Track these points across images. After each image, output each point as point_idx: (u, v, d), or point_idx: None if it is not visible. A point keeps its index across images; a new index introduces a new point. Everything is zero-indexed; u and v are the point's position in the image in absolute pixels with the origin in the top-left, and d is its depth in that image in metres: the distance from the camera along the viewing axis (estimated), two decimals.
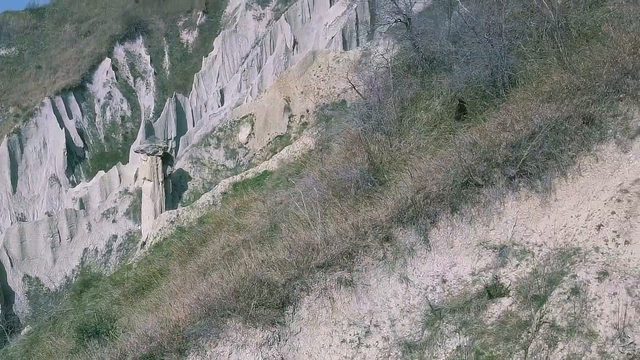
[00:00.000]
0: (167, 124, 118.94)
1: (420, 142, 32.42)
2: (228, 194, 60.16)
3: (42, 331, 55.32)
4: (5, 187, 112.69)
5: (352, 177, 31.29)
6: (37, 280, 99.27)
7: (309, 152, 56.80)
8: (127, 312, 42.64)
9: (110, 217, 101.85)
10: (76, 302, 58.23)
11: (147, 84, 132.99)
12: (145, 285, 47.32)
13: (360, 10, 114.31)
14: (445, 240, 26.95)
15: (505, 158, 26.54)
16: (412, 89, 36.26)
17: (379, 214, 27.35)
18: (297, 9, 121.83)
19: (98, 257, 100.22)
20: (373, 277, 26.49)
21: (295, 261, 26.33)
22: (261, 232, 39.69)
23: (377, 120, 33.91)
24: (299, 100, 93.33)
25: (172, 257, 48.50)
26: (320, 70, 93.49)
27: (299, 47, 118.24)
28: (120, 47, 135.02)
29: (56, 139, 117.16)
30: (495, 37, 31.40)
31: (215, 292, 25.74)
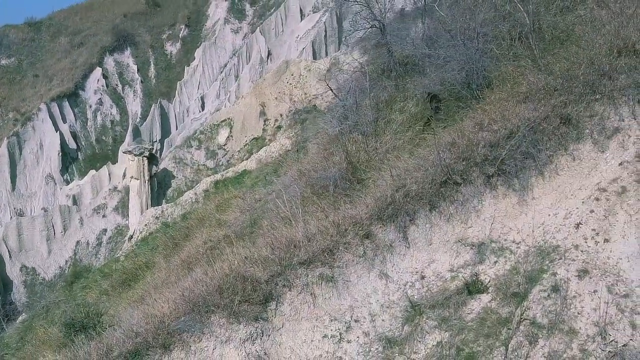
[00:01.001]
0: (153, 127, 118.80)
1: (396, 142, 30.16)
2: (210, 192, 58.60)
3: (36, 319, 53.60)
4: (5, 185, 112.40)
5: (330, 175, 28.95)
6: (33, 270, 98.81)
7: (285, 152, 55.53)
8: (114, 303, 41.00)
9: (101, 213, 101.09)
10: (68, 292, 56.73)
11: (134, 91, 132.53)
12: (132, 277, 45.68)
13: (328, 24, 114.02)
14: (423, 238, 24.60)
15: (484, 157, 24.29)
16: (387, 91, 33.92)
17: (359, 211, 24.97)
18: (271, 23, 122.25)
19: (89, 249, 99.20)
20: (353, 273, 24.13)
21: (278, 258, 23.90)
22: (241, 227, 37.61)
23: (354, 121, 31.47)
24: (274, 106, 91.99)
25: (157, 251, 47.07)
26: (293, 78, 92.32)
27: (273, 58, 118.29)
28: (110, 57, 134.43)
29: (51, 141, 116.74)
30: (469, 41, 29.06)
31: (199, 288, 23.33)
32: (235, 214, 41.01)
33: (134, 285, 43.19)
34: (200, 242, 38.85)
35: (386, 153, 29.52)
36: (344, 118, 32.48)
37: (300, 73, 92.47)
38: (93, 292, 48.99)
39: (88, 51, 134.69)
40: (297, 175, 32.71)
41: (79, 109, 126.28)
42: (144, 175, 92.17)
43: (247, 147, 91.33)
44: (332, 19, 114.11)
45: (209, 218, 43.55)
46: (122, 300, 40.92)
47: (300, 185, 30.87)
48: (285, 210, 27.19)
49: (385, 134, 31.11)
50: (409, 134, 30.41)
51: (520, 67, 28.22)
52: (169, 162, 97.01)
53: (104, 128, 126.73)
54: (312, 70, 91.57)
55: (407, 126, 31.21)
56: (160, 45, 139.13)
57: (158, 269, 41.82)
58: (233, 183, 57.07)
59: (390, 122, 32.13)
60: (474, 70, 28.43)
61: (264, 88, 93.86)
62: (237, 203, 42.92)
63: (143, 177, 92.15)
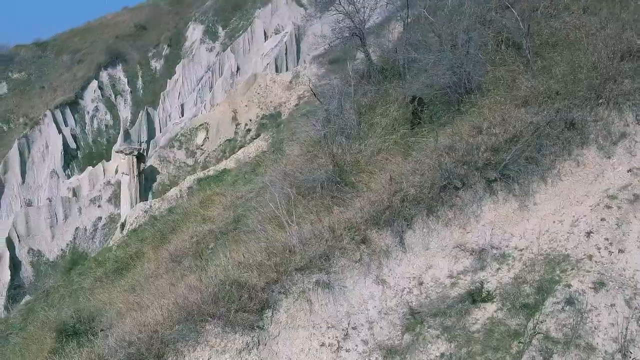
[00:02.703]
0: (140, 130, 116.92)
1: (382, 146, 24.80)
2: (193, 189, 54.05)
3: (37, 302, 49.37)
4: (16, 179, 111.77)
5: (317, 177, 23.53)
6: (39, 253, 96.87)
7: (262, 153, 50.68)
8: (108, 289, 35.94)
9: (96, 203, 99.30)
10: (66, 278, 52.00)
11: (125, 100, 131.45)
12: (124, 265, 40.73)
13: (288, 43, 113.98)
14: (421, 243, 19.27)
15: (487, 161, 18.96)
16: (368, 96, 28.58)
17: (354, 215, 19.64)
18: (239, 43, 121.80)
19: (87, 234, 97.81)
20: (349, 279, 18.78)
21: (274, 264, 18.47)
22: (225, 224, 32.41)
23: (339, 124, 26.06)
24: (244, 112, 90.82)
25: (146, 242, 42.13)
26: (260, 88, 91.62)
27: (241, 72, 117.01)
28: (104, 72, 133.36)
29: (55, 142, 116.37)
30: (455, 47, 23.79)
31: (194, 296, 17.86)
32: (219, 210, 35.98)
33: (126, 274, 38.08)
34: (187, 236, 33.61)
35: (371, 156, 24.20)
36: (327, 121, 27.02)
37: (267, 84, 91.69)
38: (88, 279, 44.38)
39: (86, 66, 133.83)
40: (281, 177, 27.19)
41: (79, 115, 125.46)
42: (133, 171, 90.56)
43: (222, 147, 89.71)
44: (292, 39, 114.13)
45: (193, 213, 38.76)
46: (115, 287, 35.77)
47: (285, 186, 25.41)
48: (279, 212, 21.65)
49: (369, 137, 25.78)
50: (393, 137, 25.11)
51: (511, 71, 23.03)
52: (155, 160, 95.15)
53: (99, 131, 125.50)
54: (277, 82, 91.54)
55: (390, 129, 25.91)
56: (147, 61, 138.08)
57: (147, 260, 36.74)
58: (215, 180, 52.48)
59: (373, 125, 26.82)
60: (462, 74, 23.12)
61: (235, 97, 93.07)
62: (220, 200, 38.15)
63: (133, 173, 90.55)
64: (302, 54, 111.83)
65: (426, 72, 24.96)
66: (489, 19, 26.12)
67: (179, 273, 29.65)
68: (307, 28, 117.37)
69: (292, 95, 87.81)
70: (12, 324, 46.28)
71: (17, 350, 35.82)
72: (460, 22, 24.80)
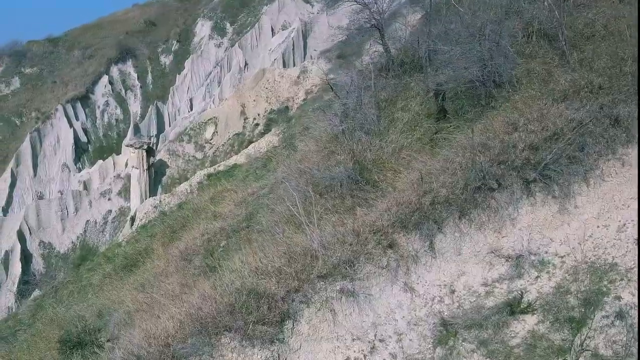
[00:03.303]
0: (150, 125, 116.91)
1: (404, 142, 22.58)
2: (203, 184, 52.13)
3: (46, 298, 47.02)
4: (28, 172, 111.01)
5: (336, 175, 21.32)
6: (50, 245, 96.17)
7: (273, 148, 48.58)
8: (117, 286, 34.07)
9: (107, 196, 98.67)
10: (74, 273, 50.02)
11: (135, 95, 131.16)
12: (133, 262, 38.32)
13: (295, 39, 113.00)
14: (452, 247, 17.12)
15: (525, 161, 16.84)
16: (387, 90, 26.40)
17: (379, 217, 17.52)
18: (247, 39, 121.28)
19: (97, 227, 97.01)
20: (375, 286, 16.69)
21: (295, 271, 16.39)
22: (237, 221, 30.22)
23: (359, 120, 23.87)
24: (252, 107, 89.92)
25: (156, 238, 39.82)
26: (268, 83, 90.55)
27: (249, 67, 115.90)
28: (115, 67, 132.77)
29: (66, 135, 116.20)
30: (484, 37, 21.62)
31: (208, 306, 15.78)
32: (230, 207, 33.74)
33: (135, 271, 36.18)
34: (198, 234, 31.45)
35: (393, 153, 22.06)
36: (345, 117, 24.86)
37: (275, 79, 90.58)
38: (97, 275, 42.06)
39: (97, 62, 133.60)
40: (297, 174, 25.08)
41: (89, 109, 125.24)
42: (143, 165, 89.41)
43: (230, 141, 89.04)
44: (299, 35, 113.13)
45: (204, 210, 36.75)
46: (124, 284, 33.90)
47: (301, 184, 23.32)
48: (297, 213, 19.61)
49: (390, 133, 23.60)
50: (416, 133, 22.97)
51: (546, 63, 20.91)
52: (164, 154, 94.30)
53: (109, 125, 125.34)
54: (285, 77, 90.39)
55: (412, 125, 23.78)
56: (156, 57, 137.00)
57: (157, 257, 34.85)
58: (225, 176, 50.38)
59: (394, 120, 24.65)
60: (492, 67, 21.00)
61: (244, 92, 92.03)
62: (231, 196, 35.95)
63: (142, 167, 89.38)
64: (309, 50, 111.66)
65: (450, 65, 22.83)
66: (517, 9, 23.96)
67: (190, 272, 27.80)
68: (314, 24, 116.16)
69: (300, 90, 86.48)
70: (21, 319, 44.69)
71: (24, 348, 34.23)
72: (487, 12, 22.72)
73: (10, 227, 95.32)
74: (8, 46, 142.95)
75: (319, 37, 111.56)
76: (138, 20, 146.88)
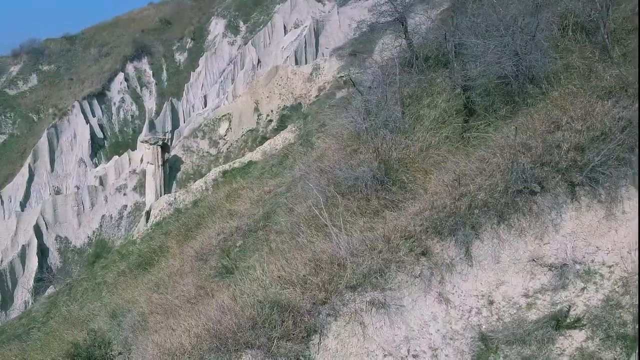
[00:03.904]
0: (165, 121, 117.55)
1: (431, 140, 20.71)
2: (218, 181, 50.60)
3: (60, 295, 46.41)
4: (45, 167, 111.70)
5: (361, 175, 19.50)
6: (66, 239, 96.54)
7: (289, 145, 46.70)
8: (132, 285, 33.44)
9: (122, 191, 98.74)
10: (89, 271, 48.65)
11: (150, 91, 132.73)
12: (148, 260, 37.18)
13: (307, 37, 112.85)
14: (490, 255, 15.24)
15: (572, 162, 15.00)
16: (410, 86, 24.51)
17: (410, 222, 15.72)
18: (260, 37, 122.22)
19: (112, 222, 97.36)
20: (407, 297, 14.88)
21: (322, 281, 14.63)
22: (253, 220, 28.53)
23: (383, 116, 22.01)
24: (265, 103, 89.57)
25: (171, 236, 38.47)
26: (281, 80, 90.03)
27: (262, 64, 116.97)
28: (130, 64, 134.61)
29: (83, 131, 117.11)
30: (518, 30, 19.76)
31: (227, 320, 14.02)
32: (246, 205, 31.96)
33: (149, 270, 34.77)
34: (213, 233, 29.84)
35: (420, 152, 20.23)
36: (367, 113, 23.00)
37: (288, 76, 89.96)
38: (111, 273, 41.14)
39: (113, 59, 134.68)
40: (317, 173, 23.29)
41: (106, 105, 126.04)
42: (158, 161, 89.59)
43: (244, 137, 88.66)
44: (311, 33, 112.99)
45: (219, 208, 35.25)
46: (138, 283, 32.81)
47: (321, 184, 21.53)
48: (321, 215, 17.81)
49: (416, 131, 21.76)
50: (444, 131, 21.12)
51: (585, 58, 19.04)
52: (179, 150, 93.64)
53: (125, 121, 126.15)
54: (297, 74, 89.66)
55: (440, 122, 21.93)
56: (171, 54, 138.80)
57: (172, 255, 33.39)
58: (240, 173, 48.71)
59: (419, 118, 22.78)
60: (528, 62, 19.15)
61: (257, 88, 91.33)
62: (247, 194, 34.30)
63: (157, 162, 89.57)
64: (321, 48, 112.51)
65: (479, 60, 20.99)
66: (548, 1, 22.04)
67: (205, 273, 26.18)
68: (326, 22, 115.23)
69: (313, 87, 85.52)
70: (35, 317, 43.81)
71: (38, 347, 33.12)
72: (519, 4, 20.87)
73: (27, 221, 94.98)
74: (26, 44, 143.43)
75: (331, 35, 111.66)
76: (153, 18, 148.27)
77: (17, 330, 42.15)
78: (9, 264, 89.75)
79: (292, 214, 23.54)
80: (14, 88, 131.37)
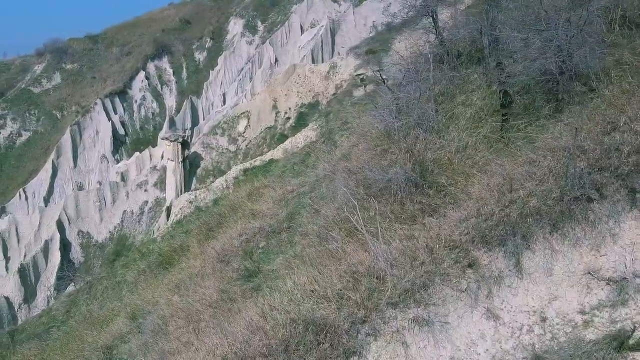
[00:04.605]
0: (185, 118, 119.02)
1: (468, 140, 18.81)
2: (239, 179, 48.79)
3: (81, 293, 45.00)
4: (68, 163, 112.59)
5: (395, 177, 17.60)
6: (88, 234, 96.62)
7: (311, 143, 44.91)
8: (152, 284, 31.97)
9: (143, 187, 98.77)
10: (109, 269, 46.92)
11: (170, 89, 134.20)
12: (168, 259, 35.48)
13: (324, 36, 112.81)
14: (542, 267, 13.35)
15: (634, 167, 13.12)
16: (442, 83, 22.57)
17: (454, 230, 13.91)
18: (277, 36, 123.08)
19: (133, 217, 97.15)
20: (453, 313, 13.07)
21: (361, 297, 12.82)
22: (277, 220, 26.54)
23: (417, 115, 20.10)
24: (283, 101, 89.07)
25: (191, 235, 36.66)
26: (299, 78, 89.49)
27: (279, 63, 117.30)
28: (151, 63, 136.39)
29: (105, 128, 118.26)
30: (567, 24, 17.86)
31: (257, 341, 12.21)
32: (268, 205, 30.04)
33: (170, 269, 33.17)
34: (236, 233, 27.69)
35: (456, 152, 18.37)
36: (398, 112, 21.09)
37: (306, 74, 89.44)
38: (132, 272, 39.58)
39: (134, 58, 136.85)
40: (345, 173, 21.43)
41: (127, 103, 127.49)
42: (178, 157, 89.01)
43: (262, 134, 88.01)
44: (327, 32, 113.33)
45: (241, 207, 33.33)
46: (158, 283, 31.32)
47: (350, 185, 19.68)
48: (355, 220, 15.97)
49: (450, 130, 19.88)
50: (482, 131, 19.22)
51: (638, 54, 17.10)
52: (198, 147, 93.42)
53: (146, 118, 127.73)
54: (315, 72, 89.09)
55: (476, 121, 20.03)
56: (191, 53, 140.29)
57: (192, 255, 31.59)
58: (262, 171, 46.91)
59: (453, 116, 20.87)
60: (575, 57, 17.25)
61: (275, 86, 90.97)
62: (269, 193, 32.32)
63: (177, 159, 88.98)
64: (337, 47, 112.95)
65: (518, 55, 19.14)
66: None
67: (228, 275, 24.45)
68: (342, 22, 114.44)
69: (330, 85, 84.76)
70: (55, 316, 42.69)
71: (57, 347, 32.09)
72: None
73: (50, 217, 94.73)
74: (50, 43, 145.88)
75: (346, 35, 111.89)
76: (173, 18, 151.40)
77: (37, 329, 41.03)
78: (32, 258, 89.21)
79: (318, 216, 21.82)
80: (38, 86, 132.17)
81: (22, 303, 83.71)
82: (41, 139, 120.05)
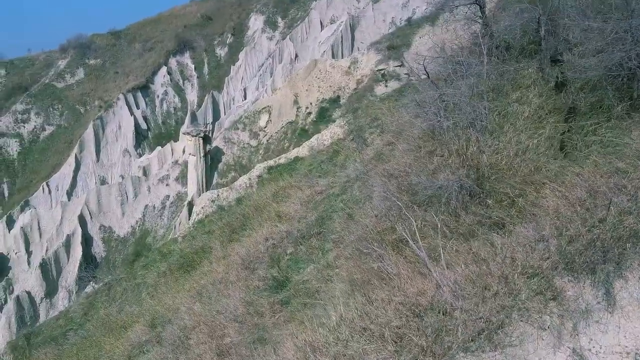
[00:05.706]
0: (206, 113, 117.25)
1: (529, 143, 16.03)
2: (263, 178, 46.31)
3: (99, 296, 42.74)
4: (91, 157, 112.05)
5: (446, 184, 14.83)
6: (110, 229, 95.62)
7: (338, 140, 42.31)
8: (173, 288, 30.15)
9: (165, 182, 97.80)
10: (129, 270, 45.04)
11: (192, 84, 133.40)
12: (189, 262, 33.46)
13: (344, 32, 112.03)
14: (636, 299, 10.53)
15: None
16: (491, 78, 19.74)
17: (532, 254, 11.19)
18: (297, 32, 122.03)
19: (155, 212, 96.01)
20: (532, 355, 10.29)
21: (426, 342, 10.12)
22: (306, 225, 24.18)
23: (468, 113, 17.31)
24: (305, 96, 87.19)
25: (214, 236, 34.57)
26: (320, 73, 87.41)
27: (300, 59, 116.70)
28: (173, 58, 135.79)
29: (127, 123, 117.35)
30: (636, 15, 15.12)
31: None
32: (296, 207, 27.84)
33: (192, 273, 31.14)
34: (261, 238, 25.52)
35: (515, 157, 15.56)
36: (445, 109, 18.28)
37: (326, 70, 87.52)
38: (152, 273, 37.47)
39: (156, 54, 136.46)
40: (384, 177, 18.75)
41: (149, 98, 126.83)
42: (199, 152, 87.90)
43: (283, 129, 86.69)
44: (347, 28, 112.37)
45: (266, 208, 31.25)
46: (179, 288, 29.39)
47: (391, 190, 17.00)
48: (406, 233, 13.24)
49: (505, 131, 17.10)
50: (543, 132, 16.44)
51: None
52: (220, 141, 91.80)
53: (168, 113, 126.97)
54: (335, 67, 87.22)
55: (535, 121, 17.25)
56: (212, 49, 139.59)
57: (215, 259, 29.35)
58: (286, 169, 44.35)
59: (507, 115, 18.07)
60: None
61: (296, 82, 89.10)
62: (296, 194, 30.14)
63: (199, 154, 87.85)
64: (357, 42, 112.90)
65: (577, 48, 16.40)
66: None
67: (254, 285, 22.13)
68: (361, 18, 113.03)
69: (351, 80, 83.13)
70: (72, 318, 40.87)
71: (73, 353, 30.49)
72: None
73: (72, 211, 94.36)
74: (73, 39, 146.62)
75: (366, 31, 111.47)
76: (195, 14, 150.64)
77: (54, 332, 39.03)
78: (54, 253, 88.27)
79: (353, 223, 19.31)
80: (62, 81, 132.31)
81: (44, 298, 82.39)
82: (64, 133, 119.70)
